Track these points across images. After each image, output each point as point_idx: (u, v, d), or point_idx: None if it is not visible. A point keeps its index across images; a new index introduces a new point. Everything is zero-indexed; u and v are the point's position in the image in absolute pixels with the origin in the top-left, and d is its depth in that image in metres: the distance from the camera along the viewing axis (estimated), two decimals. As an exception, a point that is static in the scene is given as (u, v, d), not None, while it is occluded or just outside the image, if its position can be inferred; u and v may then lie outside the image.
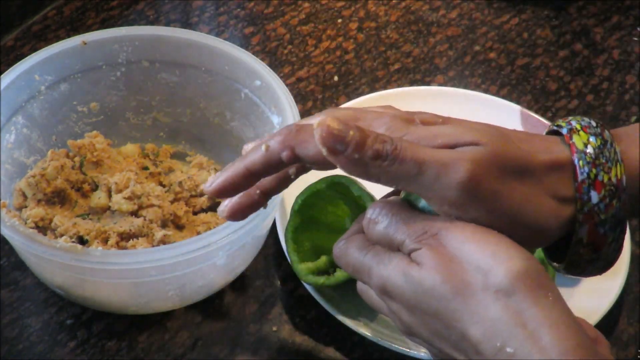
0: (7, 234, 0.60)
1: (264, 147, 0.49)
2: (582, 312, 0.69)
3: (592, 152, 0.50)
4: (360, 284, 0.55)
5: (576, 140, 0.51)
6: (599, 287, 0.71)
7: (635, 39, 0.98)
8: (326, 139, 0.46)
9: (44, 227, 0.68)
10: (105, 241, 0.67)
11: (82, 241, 0.67)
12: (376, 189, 0.58)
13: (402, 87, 0.89)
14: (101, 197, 0.71)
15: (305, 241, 0.71)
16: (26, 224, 0.68)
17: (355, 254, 0.52)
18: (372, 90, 0.89)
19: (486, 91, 0.91)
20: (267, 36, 0.95)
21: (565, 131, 0.52)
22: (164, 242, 0.67)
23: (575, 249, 0.51)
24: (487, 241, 0.47)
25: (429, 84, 0.92)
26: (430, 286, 0.47)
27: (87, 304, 0.68)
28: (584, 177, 0.50)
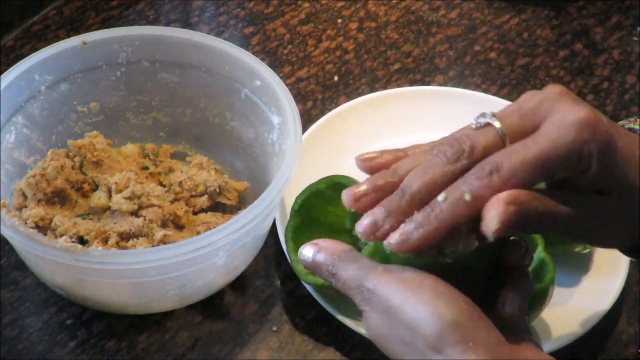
0: (7, 234, 0.60)
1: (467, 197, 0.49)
2: (582, 312, 0.69)
3: None
4: None
5: None
6: (599, 287, 0.71)
7: (635, 39, 0.98)
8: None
9: (44, 227, 0.68)
10: (105, 241, 0.67)
11: (82, 241, 0.67)
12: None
13: (402, 87, 0.89)
14: (101, 197, 0.71)
15: (305, 241, 0.70)
16: (26, 224, 0.68)
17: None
18: (372, 90, 0.89)
19: (486, 91, 0.91)
20: (267, 36, 0.95)
21: None
22: (164, 242, 0.67)
23: None
24: (411, 294, 0.50)
25: (429, 84, 0.92)
26: (384, 346, 0.52)
27: (87, 304, 0.68)
28: None
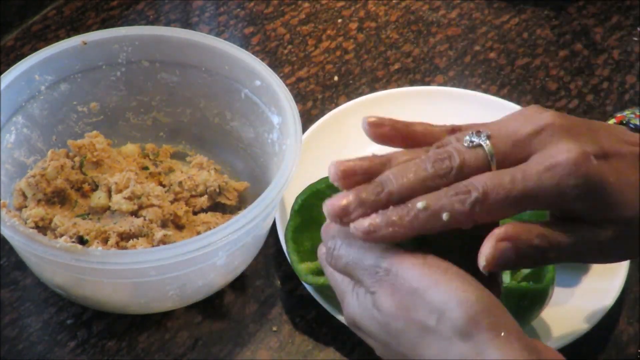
0: (7, 234, 0.60)
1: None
2: (582, 312, 0.69)
3: None
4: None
5: None
6: (599, 287, 0.71)
7: (635, 39, 0.98)
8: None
9: (44, 227, 0.68)
10: (105, 241, 0.67)
11: (82, 241, 0.66)
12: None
13: (402, 87, 0.89)
14: (101, 197, 0.71)
15: (305, 241, 0.71)
16: (26, 224, 0.68)
17: (334, 274, 0.53)
18: (372, 90, 0.89)
19: (486, 91, 0.91)
20: (267, 36, 0.95)
21: None
22: (164, 242, 0.67)
23: None
24: (439, 278, 0.47)
25: (429, 84, 0.92)
26: (395, 331, 0.49)
27: (87, 304, 0.68)
28: None
